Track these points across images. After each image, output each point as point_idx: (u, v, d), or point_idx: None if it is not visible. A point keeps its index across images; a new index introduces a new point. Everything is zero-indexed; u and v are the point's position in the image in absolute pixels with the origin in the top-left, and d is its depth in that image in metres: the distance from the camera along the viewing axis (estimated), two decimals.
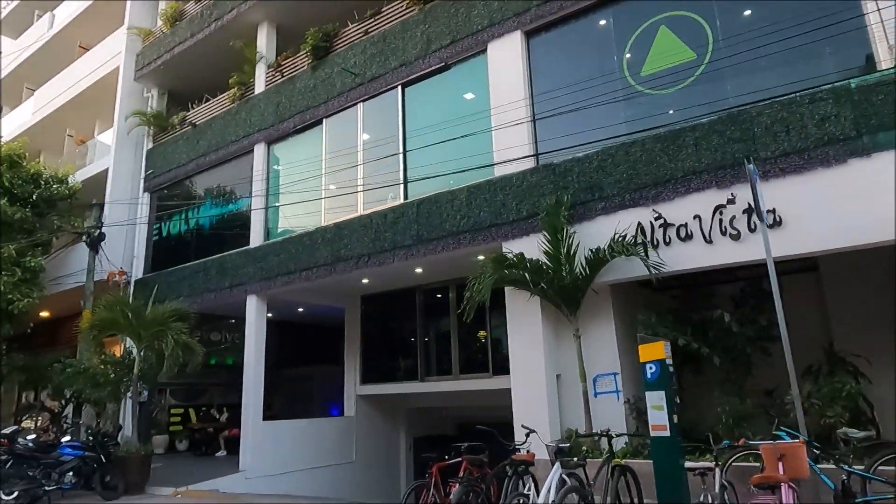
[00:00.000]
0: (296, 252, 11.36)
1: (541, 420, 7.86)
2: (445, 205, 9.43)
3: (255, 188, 12.67)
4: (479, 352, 12.19)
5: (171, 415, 14.73)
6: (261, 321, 11.96)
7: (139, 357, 10.55)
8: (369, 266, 10.18)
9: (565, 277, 7.71)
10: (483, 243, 8.92)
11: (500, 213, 8.81)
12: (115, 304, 10.59)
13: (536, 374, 8.09)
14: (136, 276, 14.84)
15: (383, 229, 10.11)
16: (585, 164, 8.14)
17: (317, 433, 12.54)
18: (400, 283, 12.76)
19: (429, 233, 9.51)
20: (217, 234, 13.75)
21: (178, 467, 12.31)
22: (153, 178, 15.29)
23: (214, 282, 12.73)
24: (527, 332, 8.29)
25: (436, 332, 13.01)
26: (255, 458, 11.23)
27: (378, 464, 13.72)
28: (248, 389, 11.54)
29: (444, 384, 12.34)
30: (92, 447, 9.60)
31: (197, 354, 10.78)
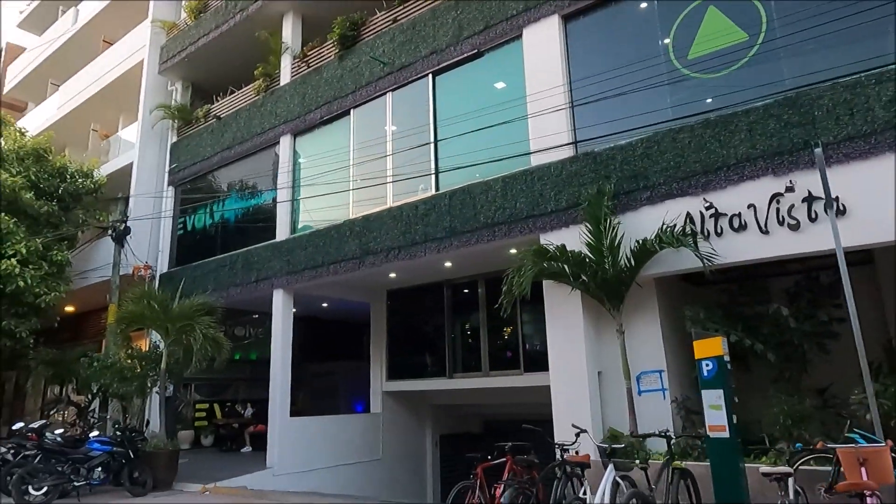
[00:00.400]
0: (323, 245, 11.14)
1: (582, 419, 7.53)
2: (479, 196, 9.13)
3: (281, 181, 12.48)
4: (509, 348, 11.89)
5: (196, 410, 14.63)
6: (287, 316, 11.77)
7: (166, 351, 10.40)
8: (400, 259, 9.92)
9: (608, 270, 7.38)
10: (520, 235, 8.61)
11: (537, 203, 8.49)
12: (142, 297, 10.47)
13: (578, 372, 7.77)
14: (161, 270, 14.75)
15: (414, 221, 9.84)
16: (629, 152, 7.79)
17: (343, 430, 12.34)
18: (427, 278, 12.50)
19: (462, 225, 9.22)
20: (242, 228, 13.60)
21: (204, 463, 12.19)
22: (177, 172, 15.18)
23: (240, 276, 12.58)
24: (567, 328, 7.97)
25: (464, 328, 12.73)
26: (283, 455, 11.06)
27: (405, 461, 13.49)
28: (275, 385, 11.36)
29: (473, 381, 12.06)
30: (120, 442, 9.47)
31: (224, 349, 10.61)
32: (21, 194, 13.16)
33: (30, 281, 12.08)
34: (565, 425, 7.58)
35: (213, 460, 12.67)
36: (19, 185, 13.04)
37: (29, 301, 12.35)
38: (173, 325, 10.31)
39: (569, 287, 7.92)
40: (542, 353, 11.40)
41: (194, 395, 14.92)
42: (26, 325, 12.48)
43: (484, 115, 9.26)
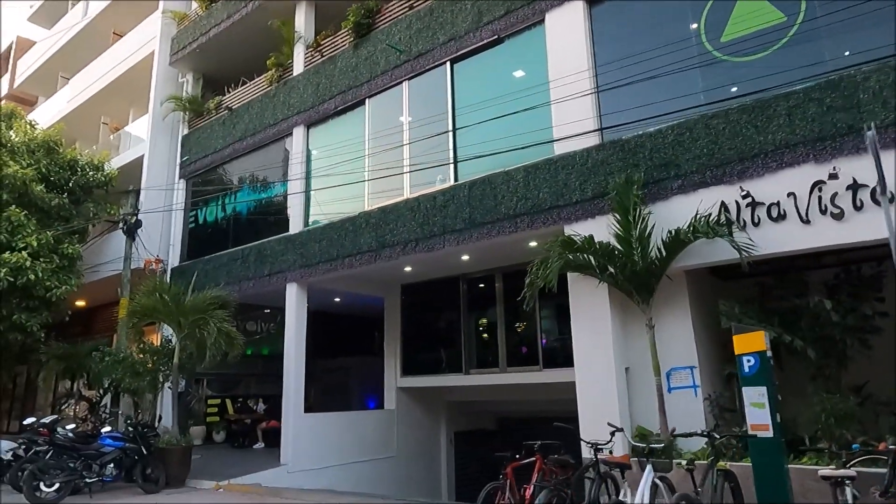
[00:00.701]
0: (338, 238, 10.90)
1: (609, 417, 7.23)
2: (500, 186, 8.85)
3: (294, 172, 12.25)
4: (527, 344, 11.62)
5: (207, 406, 14.46)
6: (301, 309, 11.54)
7: (179, 346, 10.20)
8: (417, 252, 9.65)
9: (637, 262, 7.08)
10: (543, 226, 8.32)
11: (561, 193, 8.20)
12: (154, 290, 10.27)
13: (605, 368, 7.48)
14: (173, 264, 14.58)
15: (432, 213, 9.58)
16: (659, 140, 7.48)
17: (358, 426, 12.12)
18: (443, 272, 12.24)
19: (482, 216, 8.94)
20: (255, 221, 13.39)
21: (216, 459, 12.01)
22: (189, 165, 14.98)
23: (253, 269, 12.36)
24: (594, 322, 7.68)
25: (481, 323, 12.46)
26: (297, 452, 10.85)
27: (419, 458, 13.27)
28: (289, 380, 11.14)
29: (489, 378, 11.82)
30: (132, 438, 9.29)
31: (238, 343, 10.40)
32: (32, 186, 13.00)
33: (41, 274, 11.93)
34: (592, 423, 7.33)
35: (226, 457, 12.49)
36: (30, 177, 12.87)
37: (40, 294, 12.20)
38: (186, 319, 10.11)
39: (595, 280, 7.64)
40: (562, 348, 11.17)
41: (206, 390, 14.74)
42: (37, 319, 12.34)
43: (504, 102, 8.97)
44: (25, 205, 12.86)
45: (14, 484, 8.95)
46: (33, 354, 13.98)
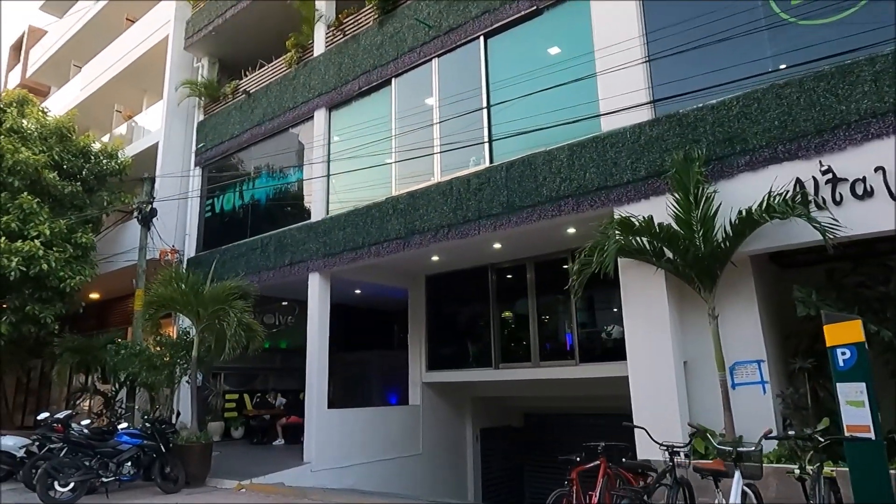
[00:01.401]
0: (363, 225, 10.33)
1: (667, 416, 6.68)
2: (542, 166, 8.23)
3: (316, 158, 11.68)
4: (562, 337, 11.03)
5: (225, 400, 14.00)
6: (324, 300, 11.01)
7: (198, 338, 9.70)
8: (450, 238, 9.07)
9: (700, 246, 6.45)
10: (590, 209, 7.70)
11: (610, 173, 7.57)
12: (171, 280, 9.75)
13: (662, 362, 6.87)
14: (189, 254, 14.10)
15: (466, 197, 8.98)
16: (722, 112, 6.83)
17: (383, 423, 11.59)
18: (471, 262, 11.68)
19: (521, 199, 8.34)
20: (274, 209, 12.88)
21: (236, 457, 11.52)
22: (204, 152, 14.48)
23: (273, 259, 11.84)
24: (649, 313, 7.06)
25: (511, 316, 11.88)
26: (320, 450, 10.33)
27: (445, 456, 12.73)
28: (312, 375, 10.62)
29: (521, 372, 11.23)
30: (150, 435, 8.80)
31: (259, 335, 9.89)
32: (45, 174, 12.55)
33: (54, 264, 11.48)
34: (648, 422, 6.71)
35: (246, 454, 12.01)
36: (42, 163, 12.42)
37: (53, 285, 11.76)
38: (205, 309, 9.60)
39: (650, 267, 7.02)
40: (600, 342, 10.59)
41: (223, 385, 14.28)
42: (51, 311, 11.90)
43: (545, 75, 8.35)
44: (38, 192, 12.42)
45: (27, 482, 8.50)
46: (47, 347, 13.56)
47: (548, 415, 14.19)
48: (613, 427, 12.91)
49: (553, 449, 14.37)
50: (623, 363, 9.71)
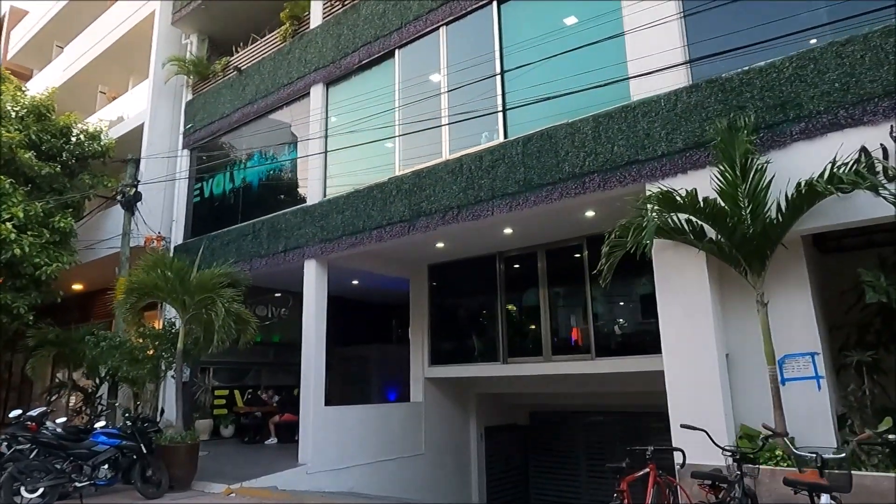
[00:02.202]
0: (364, 208, 9.55)
1: (710, 414, 5.95)
2: (563, 140, 7.48)
3: (313, 137, 10.88)
4: (577, 330, 10.31)
5: (214, 397, 13.19)
6: (321, 289, 10.22)
7: (183, 329, 8.90)
8: (460, 221, 8.30)
9: (749, 225, 5.73)
10: (618, 185, 6.95)
11: (642, 146, 6.83)
12: (155, 265, 8.93)
13: (704, 355, 6.14)
14: (176, 241, 13.27)
15: (478, 175, 8.22)
16: (772, 75, 6.09)
17: (383, 421, 10.83)
18: (478, 250, 10.97)
19: (541, 176, 7.58)
20: (267, 192, 12.08)
21: (226, 458, 10.74)
22: (193, 133, 13.63)
23: (266, 245, 11.03)
24: (688, 300, 6.32)
25: (521, 307, 11.16)
26: (317, 450, 9.56)
27: (449, 456, 12.00)
28: (308, 369, 9.84)
29: (531, 367, 10.53)
30: (130, 434, 8.00)
31: (251, 326, 9.11)
32: (19, 153, 11.69)
33: (28, 249, 10.62)
34: (686, 419, 6.01)
35: (236, 454, 11.22)
36: (16, 141, 11.54)
37: (28, 272, 10.91)
38: (191, 298, 8.79)
39: (688, 248, 6.29)
40: (617, 335, 9.88)
41: (213, 380, 13.46)
42: (25, 300, 11.04)
43: (565, 38, 7.60)
44: (12, 173, 11.55)
45: None
46: (23, 340, 12.71)
47: (555, 412, 13.50)
48: (627, 425, 12.35)
49: (560, 448, 13.83)
50: (643, 357, 9.16)
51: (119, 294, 9.88)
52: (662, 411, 11.74)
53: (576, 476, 12.91)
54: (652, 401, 11.54)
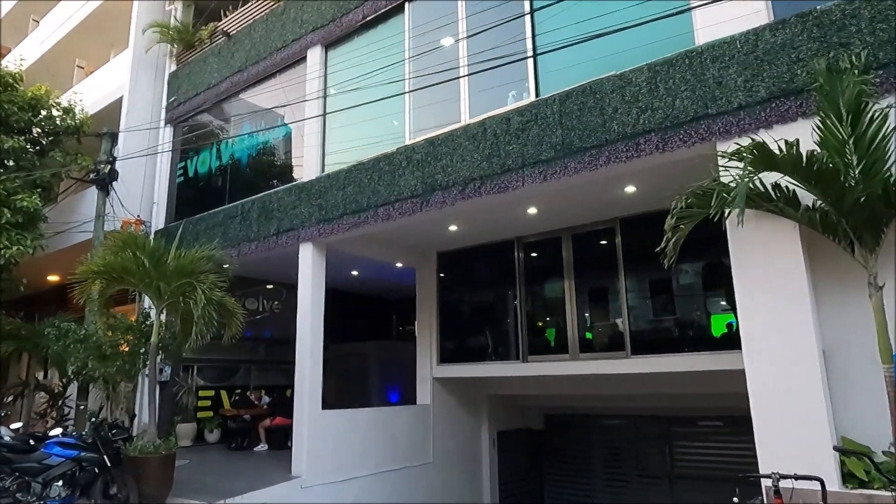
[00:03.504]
0: (368, 183, 8.32)
1: (808, 425, 4.76)
2: (610, 95, 6.27)
3: (310, 107, 9.65)
4: (609, 325, 9.14)
5: (198, 398, 11.91)
6: (318, 277, 8.98)
7: (158, 320, 7.64)
8: (482, 194, 7.08)
9: (862, 187, 4.53)
10: (682, 145, 5.75)
11: (712, 97, 5.63)
12: (125, 247, 7.64)
13: (798, 351, 4.92)
14: (157, 225, 11.99)
15: (505, 141, 7.00)
16: (885, 3, 4.91)
17: (387, 426, 9.60)
18: (494, 234, 9.80)
19: (582, 139, 6.37)
20: (258, 170, 10.84)
21: (209, 467, 9.49)
22: (177, 107, 12.35)
23: (256, 228, 9.78)
24: (777, 283, 5.10)
25: (543, 299, 9.96)
26: (313, 460, 8.32)
27: (459, 465, 10.79)
28: (303, 368, 8.60)
29: (555, 366, 9.34)
30: (91, 444, 6.74)
31: (237, 317, 7.87)
32: None
33: None
34: (778, 434, 4.84)
35: (221, 462, 9.96)
36: None
37: None
38: (168, 284, 7.53)
39: (776, 220, 5.09)
40: (658, 330, 8.71)
41: (197, 379, 12.18)
42: None
43: None
44: None
45: None
46: None
47: (574, 416, 12.32)
48: (651, 430, 11.16)
49: (579, 455, 12.64)
50: (690, 355, 8.01)
51: (84, 280, 8.55)
52: (690, 416, 10.68)
53: (594, 484, 11.76)
54: (683, 403, 10.42)
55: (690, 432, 10.73)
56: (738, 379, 5.22)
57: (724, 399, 9.38)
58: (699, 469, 10.41)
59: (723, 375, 7.03)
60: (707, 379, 7.97)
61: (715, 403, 9.55)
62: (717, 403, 9.41)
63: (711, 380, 7.80)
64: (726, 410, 9.76)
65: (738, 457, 9.06)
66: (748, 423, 5.10)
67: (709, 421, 10.39)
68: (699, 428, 10.58)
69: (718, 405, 9.55)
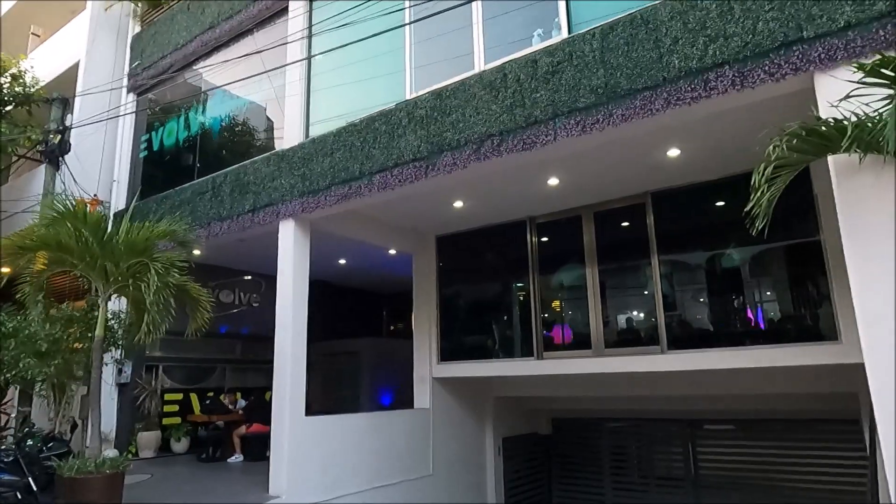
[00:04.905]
0: (362, 146, 7.00)
1: None
2: (668, 23, 5.02)
3: (292, 62, 8.31)
4: (639, 316, 7.96)
5: (164, 402, 10.48)
6: (301, 259, 7.64)
7: (104, 308, 6.24)
8: (502, 152, 5.80)
9: None
10: (767, 79, 4.51)
11: (808, 16, 4.39)
12: (63, 218, 6.22)
13: None
14: (118, 206, 10.55)
15: (531, 88, 5.73)
16: None
17: (383, 434, 8.29)
18: (503, 214, 8.61)
19: (632, 79, 5.12)
20: (231, 140, 9.47)
21: (174, 483, 8.08)
22: (141, 72, 10.90)
23: (228, 205, 8.41)
24: None
25: (560, 287, 8.73)
26: (295, 475, 6.97)
27: (461, 477, 9.54)
28: (283, 368, 7.25)
29: (576, 363, 8.10)
30: (12, 464, 5.34)
31: (202, 305, 6.50)
32: None
33: None
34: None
35: (189, 477, 8.56)
36: None
37: None
38: (116, 264, 6.14)
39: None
40: (695, 323, 7.55)
41: (164, 379, 10.74)
42: None
43: None
44: None
45: None
46: None
47: (584, 419, 11.12)
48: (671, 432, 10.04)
49: (589, 462, 11.43)
50: (740, 350, 6.84)
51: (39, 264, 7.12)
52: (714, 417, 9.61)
53: (607, 493, 10.59)
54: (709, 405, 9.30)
55: (716, 434, 9.74)
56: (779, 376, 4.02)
57: (747, 401, 8.44)
58: (726, 474, 9.38)
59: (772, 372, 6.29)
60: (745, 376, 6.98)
61: (738, 405, 8.67)
62: (741, 406, 8.71)
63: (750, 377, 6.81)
64: (748, 413, 8.84)
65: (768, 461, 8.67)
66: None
67: (724, 424, 9.45)
68: (724, 430, 9.58)
69: (743, 407, 8.77)
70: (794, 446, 8.61)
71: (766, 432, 8.96)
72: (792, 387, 7.62)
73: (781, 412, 8.68)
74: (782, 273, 7.07)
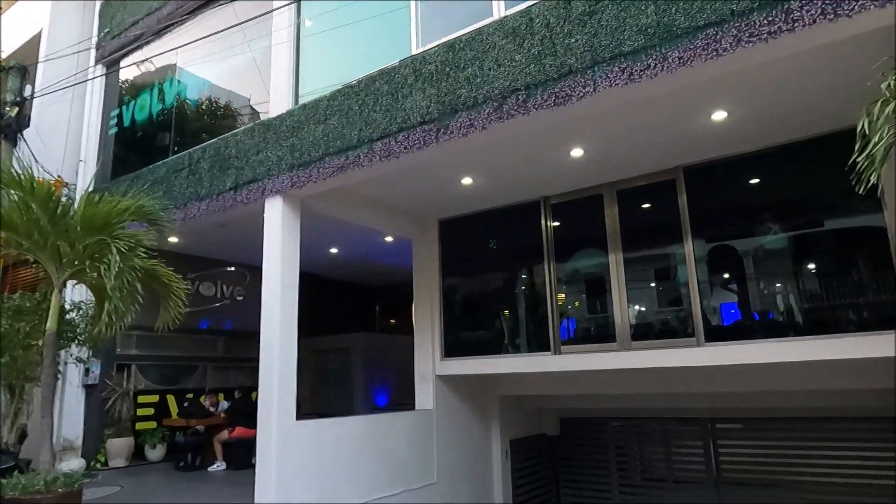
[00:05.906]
0: (360, 110, 6.10)
1: None
2: None
3: (277, 25, 7.39)
4: (673, 305, 7.14)
5: (137, 405, 9.48)
6: (291, 242, 6.71)
7: (58, 295, 5.28)
8: (529, 109, 4.93)
9: None
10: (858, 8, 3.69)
11: None
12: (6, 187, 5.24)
13: None
14: (84, 187, 9.49)
15: (563, 32, 4.86)
16: None
17: (382, 439, 7.40)
18: (514, 194, 7.86)
19: (692, 15, 4.26)
20: (210, 113, 8.50)
21: (147, 495, 7.13)
22: (110, 41, 9.88)
23: (207, 182, 7.46)
24: None
25: (578, 275, 7.90)
26: (284, 484, 6.06)
27: (467, 484, 8.68)
28: (270, 366, 6.31)
29: (599, 359, 7.27)
30: None
31: (175, 291, 5.56)
32: None
33: None
34: None
35: (164, 488, 7.60)
36: None
37: None
38: (72, 244, 5.19)
39: None
40: (747, 307, 6.74)
41: (139, 379, 9.74)
42: None
43: None
44: None
45: None
46: None
47: (594, 418, 10.34)
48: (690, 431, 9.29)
49: (601, 465, 10.65)
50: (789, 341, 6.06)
51: None
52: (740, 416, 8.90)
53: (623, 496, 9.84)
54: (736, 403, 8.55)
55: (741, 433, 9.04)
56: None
57: (789, 398, 7.74)
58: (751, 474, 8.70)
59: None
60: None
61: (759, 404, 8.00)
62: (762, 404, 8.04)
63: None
64: (795, 411, 8.12)
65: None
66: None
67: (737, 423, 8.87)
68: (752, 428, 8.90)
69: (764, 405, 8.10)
70: (819, 445, 8.04)
71: (791, 431, 8.32)
72: (833, 383, 6.87)
73: (809, 409, 7.99)
74: (835, 258, 6.29)
